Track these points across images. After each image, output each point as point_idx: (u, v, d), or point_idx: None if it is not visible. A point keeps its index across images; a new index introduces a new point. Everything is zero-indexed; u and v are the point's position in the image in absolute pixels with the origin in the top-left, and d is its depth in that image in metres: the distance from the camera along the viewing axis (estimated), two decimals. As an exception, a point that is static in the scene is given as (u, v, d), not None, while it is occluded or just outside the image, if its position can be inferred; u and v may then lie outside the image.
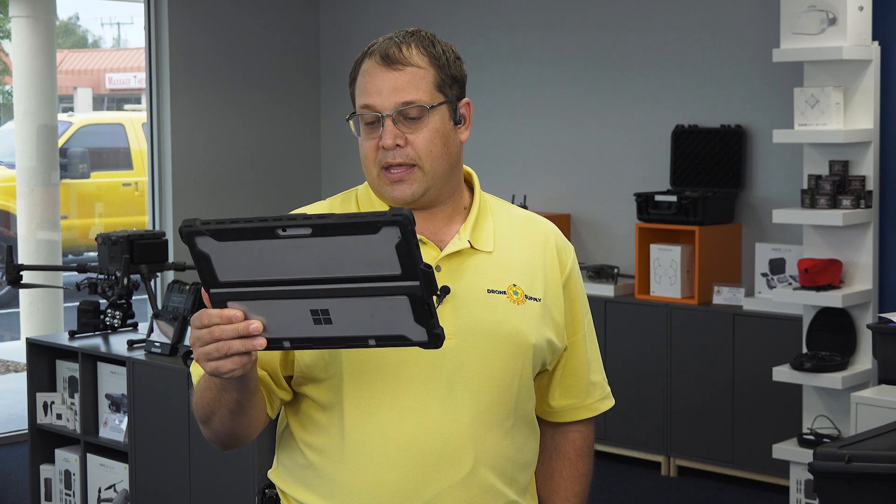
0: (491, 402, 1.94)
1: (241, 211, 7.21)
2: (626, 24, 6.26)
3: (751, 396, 5.45)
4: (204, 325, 1.70)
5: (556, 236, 2.09)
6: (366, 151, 1.97)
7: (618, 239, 6.26)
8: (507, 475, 1.98)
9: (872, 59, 4.90)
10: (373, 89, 1.94)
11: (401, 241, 1.61)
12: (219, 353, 1.70)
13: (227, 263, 1.67)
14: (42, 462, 4.84)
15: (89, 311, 4.79)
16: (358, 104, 1.97)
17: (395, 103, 1.93)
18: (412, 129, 1.94)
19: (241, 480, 3.92)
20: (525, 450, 2.02)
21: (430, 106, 1.94)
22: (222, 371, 1.71)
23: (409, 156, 1.94)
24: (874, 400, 4.22)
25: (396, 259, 1.63)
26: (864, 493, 3.18)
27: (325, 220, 1.62)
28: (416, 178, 1.95)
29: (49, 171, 7.43)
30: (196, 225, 1.64)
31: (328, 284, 1.66)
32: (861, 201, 4.93)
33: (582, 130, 6.45)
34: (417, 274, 1.64)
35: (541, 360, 2.03)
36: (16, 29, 7.38)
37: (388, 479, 1.91)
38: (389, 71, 1.94)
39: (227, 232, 1.63)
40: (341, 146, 7.48)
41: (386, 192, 1.97)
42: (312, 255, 1.64)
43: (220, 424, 1.93)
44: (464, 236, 1.99)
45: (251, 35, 7.27)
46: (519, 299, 1.98)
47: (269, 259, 1.65)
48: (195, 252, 1.66)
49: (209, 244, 1.65)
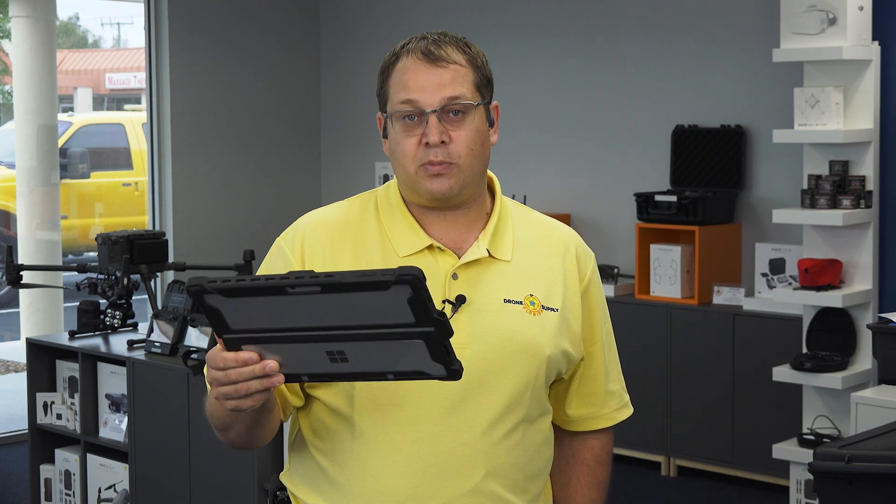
0: (503, 411, 1.93)
1: (241, 211, 7.21)
2: (626, 23, 6.26)
3: (751, 396, 5.45)
4: (220, 368, 1.70)
5: (577, 244, 2.07)
6: (405, 148, 1.93)
7: (618, 239, 6.26)
8: (518, 485, 1.96)
9: (872, 59, 4.90)
10: (415, 85, 1.91)
11: (413, 296, 1.60)
12: (237, 394, 1.70)
13: (238, 315, 1.67)
14: (42, 462, 4.84)
15: (89, 311, 4.79)
16: (396, 100, 1.93)
17: (441, 99, 1.91)
18: (455, 126, 1.92)
19: (242, 480, 3.92)
20: (536, 459, 2.00)
21: (477, 103, 1.94)
22: (242, 408, 1.73)
23: (451, 154, 1.92)
24: (874, 400, 4.22)
25: (410, 311, 1.62)
26: (864, 493, 3.18)
27: (334, 279, 1.60)
28: (454, 174, 1.92)
29: (49, 171, 7.43)
30: (204, 285, 1.63)
31: (342, 331, 1.65)
32: (861, 201, 4.93)
33: (582, 130, 6.45)
34: (432, 323, 1.63)
35: (555, 371, 2.02)
36: (16, 29, 7.38)
37: (398, 486, 1.90)
38: (433, 67, 1.92)
39: (236, 290, 1.63)
40: (341, 144, 7.48)
41: (424, 187, 1.93)
42: (324, 307, 1.64)
43: (236, 436, 1.93)
44: (482, 244, 1.98)
45: (251, 34, 7.27)
46: (535, 310, 1.97)
47: (280, 311, 1.65)
48: (205, 307, 1.66)
49: (218, 300, 1.65)
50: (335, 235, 1.99)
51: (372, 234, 1.99)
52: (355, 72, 7.34)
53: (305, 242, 1.98)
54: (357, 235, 1.99)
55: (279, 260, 2.00)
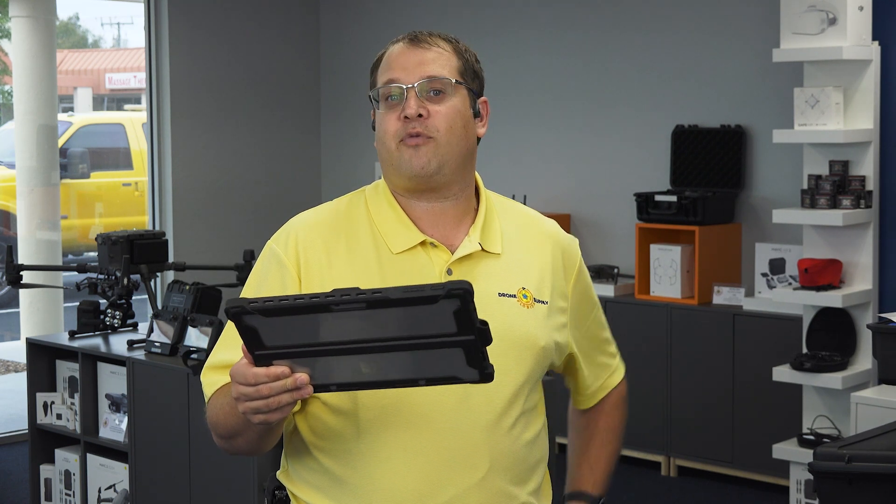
0: (505, 405, 1.95)
1: (241, 211, 7.21)
2: (627, 24, 6.26)
3: (751, 396, 5.45)
4: (249, 384, 1.71)
5: (562, 235, 2.11)
6: (385, 125, 1.96)
7: (618, 239, 6.26)
8: (520, 477, 1.99)
9: (872, 59, 4.90)
10: (398, 65, 1.97)
11: (460, 308, 1.62)
12: (269, 408, 1.71)
13: (275, 332, 1.66)
14: (42, 462, 4.84)
15: (89, 311, 4.79)
16: (381, 80, 1.98)
17: (420, 76, 1.95)
18: (435, 103, 1.95)
19: (241, 480, 3.92)
20: (535, 450, 2.03)
21: (455, 81, 1.97)
22: (271, 421, 1.74)
23: (428, 127, 1.94)
24: (874, 400, 4.21)
25: (453, 321, 1.63)
26: (864, 493, 3.18)
27: (381, 296, 1.61)
28: (431, 148, 1.94)
29: (49, 171, 7.43)
30: (245, 306, 1.63)
31: (380, 342, 1.66)
32: (861, 201, 4.93)
33: (582, 130, 6.45)
34: (474, 332, 1.65)
35: (549, 362, 2.05)
36: (16, 29, 7.38)
37: (404, 483, 1.91)
38: (416, 49, 1.97)
39: (277, 310, 1.63)
40: (341, 144, 7.48)
41: (404, 162, 1.95)
42: (364, 321, 1.64)
43: (245, 444, 1.94)
44: (474, 238, 1.99)
45: (251, 35, 7.27)
46: (528, 303, 1.99)
47: (320, 327, 1.65)
48: (242, 326, 1.66)
49: (257, 319, 1.65)
50: (328, 235, 1.99)
51: (364, 232, 1.99)
52: (355, 73, 7.34)
53: (299, 244, 1.98)
54: (350, 234, 1.99)
55: (273, 263, 2.00)
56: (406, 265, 1.96)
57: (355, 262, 1.96)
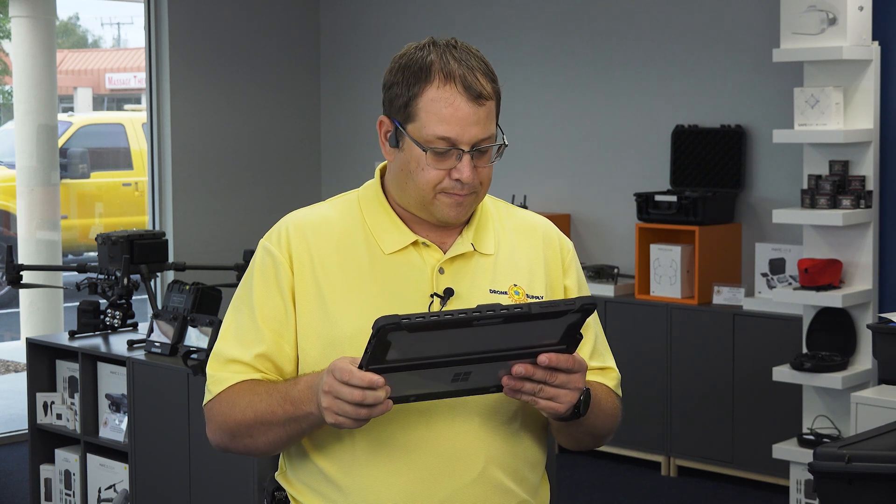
0: (498, 401, 1.95)
1: (241, 211, 7.21)
2: (626, 24, 6.26)
3: (751, 396, 5.45)
4: (351, 384, 1.74)
5: (555, 232, 2.13)
6: (429, 176, 1.95)
7: (618, 239, 6.26)
8: (518, 474, 2.00)
9: (872, 59, 4.90)
10: (455, 121, 1.93)
11: (576, 322, 1.70)
12: (357, 416, 1.76)
13: (402, 348, 1.69)
14: (42, 462, 4.84)
15: (89, 311, 4.79)
16: (431, 132, 1.93)
17: (476, 138, 1.94)
18: (481, 162, 1.97)
19: (241, 480, 3.92)
20: (533, 448, 2.03)
21: (501, 143, 1.99)
22: (345, 427, 1.79)
23: (475, 187, 1.98)
24: (874, 400, 4.22)
25: (562, 332, 1.71)
26: (864, 493, 3.17)
27: (524, 310, 1.67)
28: (472, 202, 2.00)
29: (49, 171, 7.43)
30: (400, 322, 1.65)
31: (491, 353, 1.72)
32: (861, 201, 4.93)
33: (582, 130, 6.45)
34: (570, 342, 1.74)
35: None
36: (16, 29, 7.38)
37: (401, 482, 1.92)
38: (473, 105, 1.94)
39: (425, 325, 1.66)
40: (341, 144, 7.48)
41: (441, 212, 1.97)
42: (486, 335, 1.69)
43: (264, 443, 1.95)
44: (467, 239, 2.02)
45: (251, 35, 7.27)
46: (520, 299, 2.01)
47: (445, 341, 1.69)
48: (381, 341, 1.67)
49: (399, 335, 1.67)
50: (320, 234, 2.01)
51: (356, 232, 2.01)
52: (355, 72, 7.34)
53: (292, 241, 2.00)
54: (342, 234, 2.01)
55: (268, 262, 2.01)
56: (398, 265, 1.98)
57: (347, 261, 1.98)
